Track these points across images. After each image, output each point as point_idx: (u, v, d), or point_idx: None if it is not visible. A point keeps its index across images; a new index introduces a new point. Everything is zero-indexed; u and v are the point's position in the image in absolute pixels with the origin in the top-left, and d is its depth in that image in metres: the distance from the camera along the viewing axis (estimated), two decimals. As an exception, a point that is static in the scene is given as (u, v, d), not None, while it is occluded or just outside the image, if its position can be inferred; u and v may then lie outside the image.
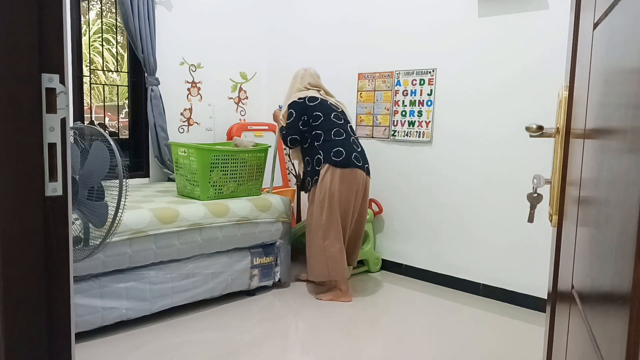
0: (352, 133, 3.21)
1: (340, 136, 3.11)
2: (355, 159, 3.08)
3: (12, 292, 0.74)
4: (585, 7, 1.04)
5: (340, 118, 3.18)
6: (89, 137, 2.17)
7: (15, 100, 0.72)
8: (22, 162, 0.73)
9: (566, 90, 1.17)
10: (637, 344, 0.53)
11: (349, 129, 3.19)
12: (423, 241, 3.59)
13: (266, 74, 4.53)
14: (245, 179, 3.24)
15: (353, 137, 3.17)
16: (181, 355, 2.40)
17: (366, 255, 3.69)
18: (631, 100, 0.60)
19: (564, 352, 1.04)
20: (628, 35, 0.65)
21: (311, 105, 3.16)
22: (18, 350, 0.76)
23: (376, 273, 3.76)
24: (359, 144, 3.19)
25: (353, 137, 3.17)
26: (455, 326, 2.84)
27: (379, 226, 3.83)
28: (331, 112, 3.17)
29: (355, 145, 3.14)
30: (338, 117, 3.17)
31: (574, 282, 0.97)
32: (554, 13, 2.90)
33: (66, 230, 0.79)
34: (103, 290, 2.51)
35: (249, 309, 3.02)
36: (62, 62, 0.76)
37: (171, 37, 3.86)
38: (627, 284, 0.56)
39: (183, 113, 4.02)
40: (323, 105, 3.18)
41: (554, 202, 1.20)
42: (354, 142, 3.15)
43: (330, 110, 3.18)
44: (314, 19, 4.14)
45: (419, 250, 3.62)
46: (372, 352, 2.53)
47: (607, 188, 0.72)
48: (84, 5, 3.63)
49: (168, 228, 2.68)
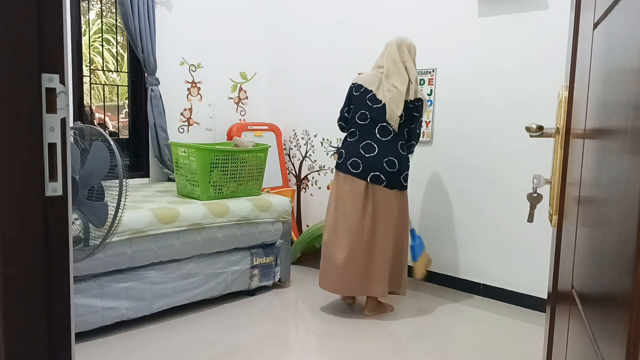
0: (377, 136, 2.79)
1: (352, 137, 2.86)
2: (353, 166, 2.78)
3: (12, 292, 0.74)
4: (585, 7, 1.04)
5: (366, 118, 2.81)
6: (89, 137, 2.17)
7: (15, 100, 0.72)
8: (22, 162, 0.73)
9: (566, 90, 1.16)
10: (637, 344, 0.53)
11: (372, 130, 2.80)
12: (422, 241, 3.58)
13: (266, 74, 4.53)
14: (245, 179, 3.24)
15: (369, 141, 2.79)
16: (181, 355, 2.40)
17: None
18: (631, 100, 0.60)
19: (564, 352, 1.04)
20: (628, 35, 0.65)
21: (354, 95, 2.91)
22: (18, 350, 0.75)
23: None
24: (375, 149, 2.77)
25: (369, 141, 2.79)
26: (455, 326, 2.84)
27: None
28: (364, 108, 2.83)
29: (367, 150, 2.78)
30: (364, 117, 2.82)
31: (574, 282, 0.97)
32: (554, 13, 2.90)
33: (66, 230, 0.79)
34: (103, 290, 2.51)
35: (249, 309, 3.02)
36: (62, 62, 0.76)
37: (171, 37, 3.86)
38: (627, 284, 0.56)
39: (183, 113, 4.02)
40: (361, 98, 2.86)
41: (554, 202, 1.19)
42: (368, 147, 2.78)
43: (365, 106, 2.83)
44: (314, 19, 4.14)
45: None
46: (372, 351, 2.53)
47: (607, 188, 0.72)
48: (84, 5, 3.63)
49: (168, 228, 2.68)
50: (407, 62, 2.86)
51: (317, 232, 3.66)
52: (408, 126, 2.87)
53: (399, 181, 2.81)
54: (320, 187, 4.21)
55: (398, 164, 2.79)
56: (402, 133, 2.85)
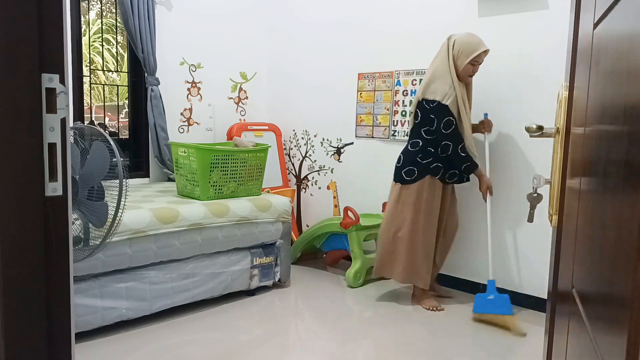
0: (410, 136, 3.04)
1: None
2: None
3: (12, 292, 0.74)
4: (585, 7, 1.04)
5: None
6: (89, 137, 2.17)
7: (15, 100, 0.72)
8: (22, 162, 0.73)
9: (566, 90, 1.17)
10: (637, 344, 0.53)
11: (410, 132, 3.06)
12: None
13: (266, 74, 4.53)
14: (245, 179, 3.24)
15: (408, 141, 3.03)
16: (181, 355, 2.40)
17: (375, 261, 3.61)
18: (631, 100, 0.60)
19: (564, 352, 1.04)
20: (628, 35, 0.65)
21: None
22: (18, 350, 0.75)
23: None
24: (404, 152, 3.04)
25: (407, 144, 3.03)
26: (455, 326, 2.84)
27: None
28: None
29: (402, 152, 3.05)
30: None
31: (574, 282, 0.97)
32: (554, 13, 2.90)
33: (66, 230, 0.79)
34: (103, 290, 2.51)
35: (249, 309, 3.02)
36: (62, 62, 0.76)
37: (171, 37, 3.86)
38: (627, 284, 0.56)
39: (183, 113, 4.02)
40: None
41: (554, 202, 1.20)
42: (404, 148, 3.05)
43: None
44: (314, 19, 4.14)
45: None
46: (372, 352, 2.53)
47: (607, 188, 0.72)
48: (84, 5, 3.63)
49: (168, 228, 2.68)
50: (436, 59, 2.94)
51: (317, 232, 3.66)
52: (426, 127, 2.92)
53: (400, 175, 3.01)
54: (320, 187, 4.21)
55: (402, 159, 3.02)
56: (418, 132, 2.96)
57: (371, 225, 3.51)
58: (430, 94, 2.86)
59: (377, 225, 3.53)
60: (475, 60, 2.84)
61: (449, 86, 2.83)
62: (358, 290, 3.37)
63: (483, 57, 2.88)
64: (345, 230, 3.42)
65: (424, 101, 2.89)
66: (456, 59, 2.85)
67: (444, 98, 2.82)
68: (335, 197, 4.11)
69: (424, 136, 2.93)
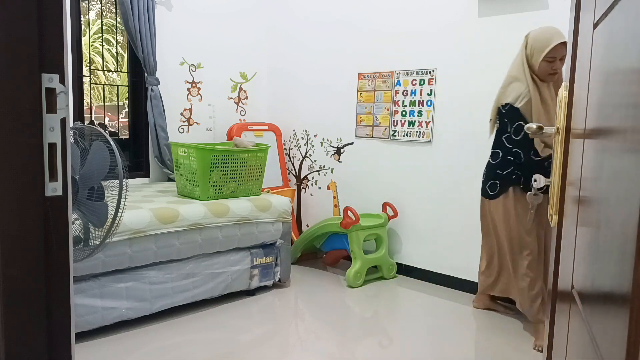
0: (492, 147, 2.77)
1: None
2: None
3: (12, 292, 0.74)
4: (585, 7, 1.04)
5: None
6: (89, 137, 2.17)
7: (15, 100, 0.72)
8: (22, 162, 0.73)
9: (566, 90, 1.17)
10: (637, 344, 0.53)
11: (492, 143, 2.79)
12: (422, 241, 3.59)
13: (266, 74, 4.53)
14: (245, 179, 3.24)
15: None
16: (181, 355, 2.41)
17: (380, 261, 3.58)
18: (631, 100, 0.60)
19: (564, 352, 1.04)
20: (628, 35, 0.65)
21: None
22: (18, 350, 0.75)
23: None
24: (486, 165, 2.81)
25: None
26: (455, 326, 2.84)
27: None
28: None
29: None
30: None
31: (574, 282, 0.97)
32: (554, 13, 2.90)
33: (66, 230, 0.79)
34: (103, 290, 2.51)
35: (249, 309, 3.02)
36: (62, 62, 0.76)
37: (171, 37, 3.86)
38: (627, 283, 0.56)
39: (183, 113, 4.02)
40: None
41: (554, 202, 1.20)
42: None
43: None
44: (314, 19, 4.14)
45: (418, 251, 3.62)
46: (372, 352, 2.53)
47: (607, 188, 0.72)
48: (84, 5, 3.63)
49: (168, 228, 2.68)
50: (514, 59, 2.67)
51: (317, 232, 3.66)
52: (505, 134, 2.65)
53: (484, 189, 2.78)
54: (320, 187, 4.21)
55: (485, 173, 2.80)
56: (498, 141, 2.70)
57: (371, 225, 3.51)
58: (505, 98, 2.61)
59: (377, 226, 3.54)
60: (551, 57, 2.48)
61: (525, 87, 2.54)
62: (358, 290, 3.37)
63: (561, 51, 2.48)
64: (345, 230, 3.43)
65: (500, 106, 2.65)
66: (530, 58, 2.55)
67: (517, 100, 2.55)
68: (335, 197, 4.11)
69: (505, 144, 2.65)
